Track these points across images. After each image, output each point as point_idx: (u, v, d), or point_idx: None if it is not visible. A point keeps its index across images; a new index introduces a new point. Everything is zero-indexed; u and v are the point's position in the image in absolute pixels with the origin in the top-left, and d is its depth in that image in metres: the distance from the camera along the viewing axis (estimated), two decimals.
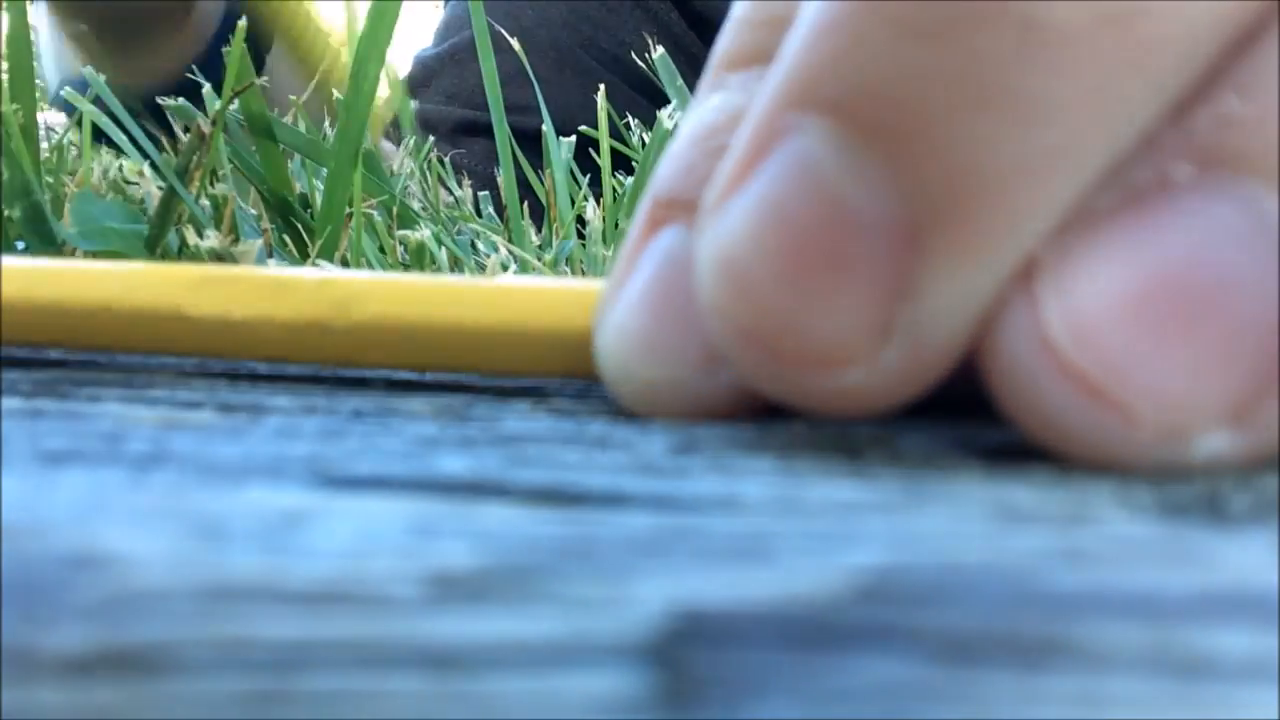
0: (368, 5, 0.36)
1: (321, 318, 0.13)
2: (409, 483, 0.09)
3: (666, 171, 0.12)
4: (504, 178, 0.39)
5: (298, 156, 0.40)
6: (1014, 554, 0.08)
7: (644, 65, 0.45)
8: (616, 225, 0.39)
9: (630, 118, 0.51)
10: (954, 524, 0.08)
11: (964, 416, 0.11)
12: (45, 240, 0.32)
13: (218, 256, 0.30)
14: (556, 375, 0.13)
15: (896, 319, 0.09)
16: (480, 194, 0.48)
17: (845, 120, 0.09)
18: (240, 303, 0.14)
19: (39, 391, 0.13)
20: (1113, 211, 0.09)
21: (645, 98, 0.41)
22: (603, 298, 0.12)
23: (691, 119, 0.12)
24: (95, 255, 0.33)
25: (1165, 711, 0.07)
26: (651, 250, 0.12)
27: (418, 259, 0.34)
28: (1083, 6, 0.08)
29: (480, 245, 0.36)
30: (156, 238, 0.33)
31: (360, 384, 0.14)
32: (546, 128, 0.43)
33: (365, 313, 0.13)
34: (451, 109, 0.73)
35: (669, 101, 0.41)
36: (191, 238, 0.31)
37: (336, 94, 0.39)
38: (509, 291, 0.13)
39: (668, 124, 0.36)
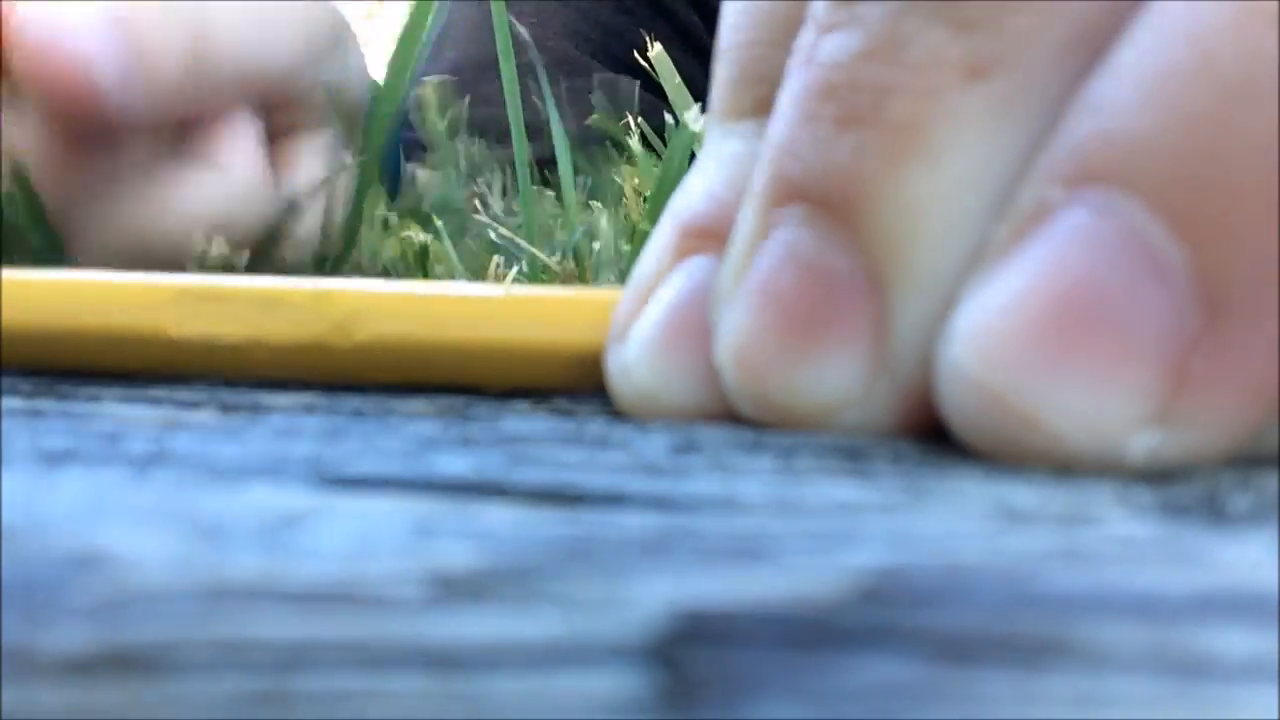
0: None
1: (321, 338, 0.13)
2: (409, 483, 0.09)
3: (693, 202, 0.13)
4: (523, 194, 0.39)
5: None
6: (1014, 554, 0.08)
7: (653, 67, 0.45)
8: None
9: (636, 118, 0.51)
10: (954, 524, 0.08)
11: None
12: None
13: (229, 265, 0.30)
14: (565, 387, 0.13)
15: (879, 357, 0.10)
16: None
17: (811, 201, 0.11)
18: (230, 323, 0.13)
19: (39, 391, 0.13)
20: (1007, 240, 0.10)
21: (663, 101, 0.41)
22: (620, 316, 0.12)
23: (713, 158, 0.13)
24: None
25: (1165, 711, 0.07)
26: (678, 278, 0.12)
27: (420, 262, 0.34)
28: (946, 70, 0.10)
29: (491, 234, 0.36)
30: None
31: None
32: (557, 131, 0.43)
33: (367, 333, 0.13)
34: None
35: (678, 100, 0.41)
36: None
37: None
38: (515, 306, 0.13)
39: (694, 126, 0.36)
